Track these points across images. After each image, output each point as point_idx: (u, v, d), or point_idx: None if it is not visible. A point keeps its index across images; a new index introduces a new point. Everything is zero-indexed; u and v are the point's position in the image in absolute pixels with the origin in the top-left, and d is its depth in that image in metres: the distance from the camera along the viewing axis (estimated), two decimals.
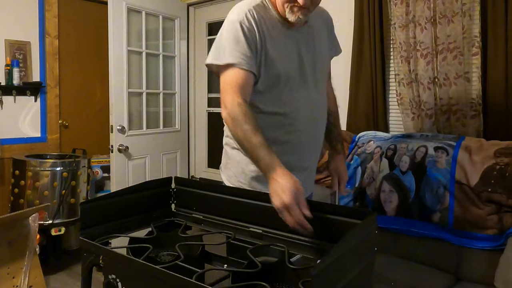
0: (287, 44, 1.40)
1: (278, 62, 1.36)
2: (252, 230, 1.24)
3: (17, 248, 1.58)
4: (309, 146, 1.48)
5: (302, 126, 1.43)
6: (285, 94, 1.39)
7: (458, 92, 2.30)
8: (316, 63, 1.46)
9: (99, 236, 1.20)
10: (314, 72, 1.45)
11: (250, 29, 1.31)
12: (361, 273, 0.97)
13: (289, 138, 1.42)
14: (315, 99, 1.46)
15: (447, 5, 2.30)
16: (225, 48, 1.32)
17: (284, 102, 1.39)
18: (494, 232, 1.89)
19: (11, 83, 3.24)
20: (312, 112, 1.45)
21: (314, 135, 1.49)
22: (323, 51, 1.51)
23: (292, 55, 1.40)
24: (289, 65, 1.39)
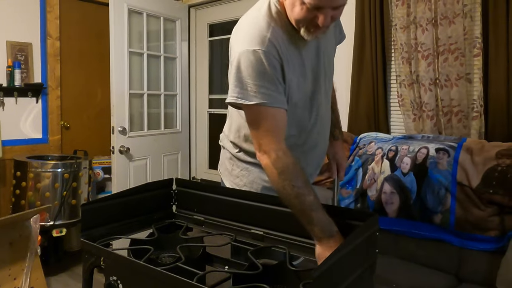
0: (302, 61, 1.26)
1: (296, 89, 1.24)
2: (253, 231, 1.24)
3: (18, 249, 1.58)
4: (316, 155, 1.46)
5: (313, 142, 1.40)
6: (299, 117, 1.31)
7: (459, 93, 2.30)
8: (327, 69, 1.37)
9: (100, 237, 1.21)
10: (325, 80, 1.36)
11: (274, 58, 1.15)
12: (362, 274, 0.97)
13: (301, 155, 1.36)
14: (324, 109, 1.40)
15: (448, 6, 2.30)
16: (249, 84, 1.14)
17: (298, 124, 1.32)
18: (496, 234, 1.89)
19: (12, 84, 3.25)
20: (321, 125, 1.40)
21: (322, 144, 1.46)
22: (331, 48, 1.41)
23: (307, 73, 1.28)
24: (304, 86, 1.28)
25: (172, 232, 1.35)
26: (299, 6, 1.10)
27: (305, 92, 1.29)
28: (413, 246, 2.10)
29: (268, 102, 1.13)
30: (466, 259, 1.95)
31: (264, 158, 1.13)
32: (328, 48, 1.37)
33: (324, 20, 1.09)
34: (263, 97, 1.13)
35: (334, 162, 1.59)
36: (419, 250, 2.08)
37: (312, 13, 1.10)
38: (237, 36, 1.23)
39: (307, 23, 1.13)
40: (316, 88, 1.32)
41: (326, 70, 1.36)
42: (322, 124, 1.40)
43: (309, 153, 1.41)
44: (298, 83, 1.24)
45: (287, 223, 1.18)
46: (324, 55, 1.33)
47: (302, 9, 1.10)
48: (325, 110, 1.40)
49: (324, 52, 1.33)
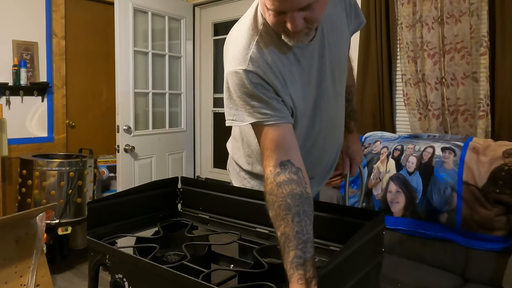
0: (302, 68, 1.14)
1: (300, 98, 1.15)
2: (259, 230, 1.24)
3: (24, 247, 1.59)
4: (325, 160, 1.38)
5: (319, 148, 1.31)
6: (302, 127, 1.22)
7: (465, 92, 2.29)
8: (335, 67, 1.22)
9: (106, 235, 1.21)
10: (333, 80, 1.23)
11: (258, 75, 1.07)
12: (368, 274, 0.96)
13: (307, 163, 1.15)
14: (333, 112, 1.29)
15: (454, 4, 2.29)
16: (240, 104, 1.09)
17: (300, 135, 1.21)
18: (503, 234, 1.87)
19: (18, 83, 3.27)
20: (328, 130, 1.30)
21: (330, 148, 1.36)
22: (342, 42, 1.25)
23: (311, 79, 1.18)
24: (309, 93, 1.18)
25: (178, 231, 1.35)
26: (268, 13, 1.01)
27: (309, 100, 1.19)
28: (419, 246, 2.09)
29: (262, 121, 1.06)
30: (472, 259, 1.94)
31: (265, 171, 1.05)
32: (338, 44, 1.22)
33: (292, 25, 0.97)
34: (256, 116, 1.06)
35: (346, 156, 1.50)
36: (425, 250, 2.07)
37: (279, 19, 0.99)
38: (225, 54, 1.17)
39: (282, 29, 1.02)
40: (319, 93, 1.21)
41: (334, 69, 1.22)
42: (329, 128, 1.29)
43: (317, 159, 1.33)
44: (302, 92, 1.15)
45: None
46: (329, 54, 1.19)
47: (271, 15, 1.00)
48: (333, 113, 1.29)
49: (329, 51, 1.19)
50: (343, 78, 1.31)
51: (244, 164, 1.43)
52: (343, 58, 1.27)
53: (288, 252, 0.89)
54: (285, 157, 1.02)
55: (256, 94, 1.06)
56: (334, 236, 1.10)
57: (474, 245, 1.94)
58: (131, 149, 3.21)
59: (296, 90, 1.13)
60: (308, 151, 1.26)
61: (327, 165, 1.40)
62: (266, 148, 1.05)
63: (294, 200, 0.95)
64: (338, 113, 1.34)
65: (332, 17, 1.18)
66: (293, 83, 1.12)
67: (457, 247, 1.98)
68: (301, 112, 1.17)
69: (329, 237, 1.11)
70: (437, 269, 1.99)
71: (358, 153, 1.51)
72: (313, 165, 1.30)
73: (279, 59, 1.09)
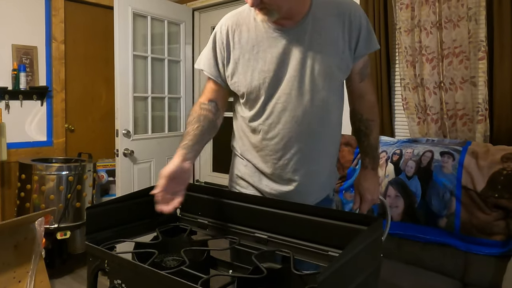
0: (269, 52, 1.30)
1: (243, 80, 1.34)
2: (258, 235, 1.24)
3: (23, 252, 1.58)
4: (296, 159, 1.34)
5: (276, 134, 1.33)
6: (260, 105, 1.34)
7: (464, 96, 2.29)
8: (310, 66, 1.29)
9: (105, 241, 1.21)
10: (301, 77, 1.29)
11: (220, 39, 1.38)
12: (367, 279, 0.96)
13: (267, 144, 1.35)
14: (305, 106, 1.31)
15: (452, 9, 2.30)
16: (202, 54, 1.45)
17: (258, 111, 1.35)
18: (502, 238, 1.87)
19: (17, 87, 3.27)
20: (298, 124, 1.31)
21: (304, 147, 1.34)
22: (329, 50, 1.29)
23: (272, 65, 1.30)
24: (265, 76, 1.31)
25: (176, 236, 1.35)
26: None
27: (259, 86, 1.33)
28: (418, 250, 2.09)
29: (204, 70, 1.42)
30: (471, 264, 1.94)
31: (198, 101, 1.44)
32: (323, 47, 1.29)
33: (249, 0, 1.19)
34: (203, 66, 1.42)
35: (357, 192, 1.51)
36: (424, 254, 2.07)
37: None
38: None
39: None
40: (279, 77, 1.30)
41: (308, 65, 1.29)
42: (291, 124, 1.31)
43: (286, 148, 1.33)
44: (249, 74, 1.33)
45: (291, 227, 1.18)
46: (308, 50, 1.28)
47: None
48: (294, 109, 1.31)
49: (309, 48, 1.28)
50: (319, 82, 1.30)
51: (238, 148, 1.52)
52: (324, 63, 1.29)
53: (184, 139, 1.31)
54: (214, 99, 1.41)
55: (212, 48, 1.40)
56: (333, 241, 1.10)
57: (473, 250, 1.94)
58: (130, 153, 3.21)
59: (248, 59, 1.33)
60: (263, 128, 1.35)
61: (293, 166, 1.35)
62: (204, 91, 1.44)
63: (205, 119, 1.36)
64: (303, 108, 1.31)
65: (323, 21, 1.30)
66: (249, 53, 1.33)
67: (456, 251, 1.98)
68: (250, 82, 1.33)
69: (328, 242, 1.11)
70: (436, 273, 1.99)
71: (370, 192, 1.48)
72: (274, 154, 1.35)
73: (240, 31, 1.36)
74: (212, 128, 1.39)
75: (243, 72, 1.34)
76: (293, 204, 1.21)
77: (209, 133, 1.38)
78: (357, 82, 1.42)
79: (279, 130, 1.33)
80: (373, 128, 1.47)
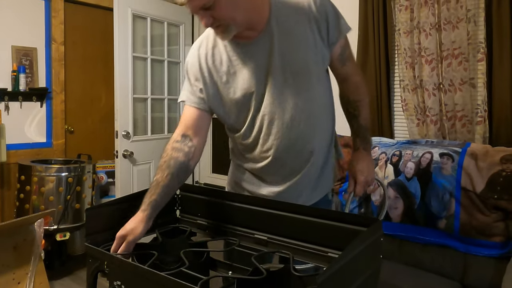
0: (244, 69, 1.28)
1: (224, 92, 1.32)
2: (257, 236, 1.24)
3: (22, 253, 1.58)
4: (283, 159, 1.35)
5: (269, 145, 1.33)
6: (249, 122, 1.34)
7: (463, 98, 2.30)
8: (287, 69, 1.28)
9: (104, 242, 1.21)
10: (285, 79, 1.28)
11: (193, 65, 1.36)
12: (366, 280, 0.97)
13: (264, 156, 1.36)
14: (291, 111, 1.30)
15: (451, 11, 2.30)
16: (183, 88, 1.42)
17: (248, 128, 1.35)
18: (501, 239, 1.88)
19: (17, 89, 3.27)
20: (285, 132, 1.31)
21: (299, 148, 1.34)
22: (301, 48, 1.28)
23: (252, 76, 1.28)
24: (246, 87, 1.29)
25: (176, 237, 1.35)
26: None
27: (248, 92, 1.30)
28: (417, 252, 2.09)
29: (186, 101, 1.38)
30: (471, 265, 1.94)
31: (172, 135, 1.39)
32: (293, 48, 1.28)
33: (202, 22, 1.17)
34: (182, 97, 1.40)
35: (350, 175, 1.49)
36: (424, 256, 2.07)
37: (200, 18, 1.17)
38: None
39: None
40: (266, 89, 1.28)
41: (286, 70, 1.28)
42: (282, 129, 1.30)
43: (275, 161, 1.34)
44: (238, 83, 1.30)
45: (291, 228, 1.18)
46: (279, 55, 1.26)
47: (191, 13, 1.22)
48: (284, 113, 1.30)
49: (280, 53, 1.26)
50: (301, 82, 1.30)
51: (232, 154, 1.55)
52: (300, 62, 1.29)
53: (152, 194, 1.22)
54: (187, 132, 1.34)
55: (187, 78, 1.38)
56: (333, 242, 1.10)
57: (472, 251, 1.94)
58: (130, 154, 3.21)
59: (227, 81, 1.31)
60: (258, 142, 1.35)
61: (287, 169, 1.37)
62: (181, 120, 1.38)
63: (175, 163, 1.28)
64: (291, 113, 1.30)
65: (288, 22, 1.27)
66: (226, 75, 1.31)
67: (456, 253, 1.98)
68: (235, 101, 1.32)
69: (327, 243, 1.11)
70: (435, 275, 1.99)
71: (363, 173, 1.45)
72: (268, 162, 1.35)
73: (213, 54, 1.32)
74: (183, 173, 1.30)
75: (226, 94, 1.33)
76: (292, 205, 1.21)
77: (179, 181, 1.29)
78: (338, 67, 1.40)
79: (272, 141, 1.33)
80: (361, 109, 1.46)
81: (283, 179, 1.39)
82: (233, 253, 1.24)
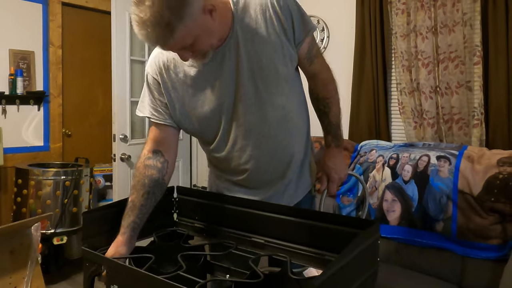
0: (209, 77, 1.24)
1: (190, 106, 1.27)
2: (254, 240, 1.24)
3: (19, 257, 1.57)
4: (265, 168, 1.33)
5: (248, 156, 1.31)
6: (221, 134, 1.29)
7: (460, 101, 2.31)
8: (259, 76, 1.24)
9: (101, 246, 1.20)
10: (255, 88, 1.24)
11: (153, 78, 1.29)
12: (363, 283, 0.96)
13: (243, 169, 1.33)
14: (260, 121, 1.27)
15: (448, 14, 2.32)
16: (141, 101, 1.36)
17: (222, 140, 1.31)
18: (498, 242, 1.88)
19: (14, 92, 3.27)
20: (259, 139, 1.29)
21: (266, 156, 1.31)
22: (268, 52, 1.23)
23: (220, 87, 1.24)
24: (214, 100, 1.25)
25: (173, 240, 1.35)
26: None
27: (217, 105, 1.25)
28: (415, 254, 2.09)
29: (151, 118, 1.31)
30: (468, 268, 1.94)
31: (141, 152, 1.34)
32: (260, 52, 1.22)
33: (181, 58, 1.15)
34: (144, 112, 1.33)
35: (323, 173, 1.46)
36: (421, 259, 2.07)
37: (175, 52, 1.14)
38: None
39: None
40: (237, 99, 1.24)
41: (255, 77, 1.23)
42: (255, 136, 1.28)
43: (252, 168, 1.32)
44: (206, 96, 1.25)
45: (288, 231, 1.18)
46: (247, 62, 1.22)
47: None
48: (258, 121, 1.27)
49: (247, 60, 1.22)
50: (272, 87, 1.26)
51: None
52: (269, 67, 1.24)
53: (130, 216, 1.21)
54: (158, 148, 1.31)
55: (149, 92, 1.31)
56: (329, 245, 1.10)
57: (470, 254, 1.94)
58: (128, 158, 3.21)
59: (196, 93, 1.26)
60: (234, 155, 1.31)
61: (270, 176, 1.34)
62: (149, 137, 1.34)
63: (150, 181, 1.26)
64: (267, 122, 1.27)
65: (250, 25, 1.21)
66: (192, 87, 1.26)
67: (453, 255, 1.98)
68: (204, 115, 1.28)
69: (324, 246, 1.11)
70: (433, 278, 1.99)
71: (336, 170, 1.43)
72: (249, 173, 1.33)
73: (178, 66, 1.26)
74: (159, 190, 1.29)
75: (193, 107, 1.28)
76: (289, 209, 1.21)
77: (155, 198, 1.28)
78: (306, 66, 1.35)
79: (250, 152, 1.29)
80: (331, 106, 1.42)
81: (265, 185, 1.36)
82: (230, 256, 1.24)
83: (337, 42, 2.95)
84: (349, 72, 2.77)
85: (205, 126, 1.30)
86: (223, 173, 1.42)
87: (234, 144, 1.29)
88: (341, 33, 2.85)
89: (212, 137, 1.32)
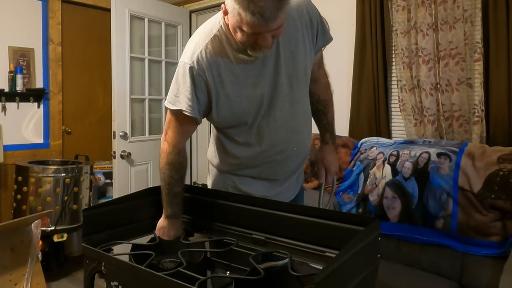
0: (252, 72, 1.30)
1: (234, 100, 1.31)
2: (255, 236, 1.24)
3: (19, 254, 1.57)
4: (289, 161, 1.44)
5: (278, 150, 1.40)
6: (255, 130, 1.36)
7: (460, 98, 2.30)
8: (293, 75, 1.35)
9: (102, 243, 1.21)
10: (290, 86, 1.35)
11: (198, 74, 1.28)
12: (364, 280, 0.97)
13: (274, 159, 1.41)
14: (292, 116, 1.39)
15: (448, 11, 2.31)
16: (178, 91, 1.32)
17: (256, 135, 1.37)
18: (498, 239, 1.88)
19: (14, 89, 3.26)
20: (288, 133, 1.39)
21: (291, 152, 1.43)
22: (300, 54, 1.35)
23: (263, 82, 1.31)
24: (256, 95, 1.32)
25: None
26: (240, 33, 1.16)
27: (257, 100, 1.32)
28: (415, 251, 2.09)
29: (187, 110, 1.29)
30: (468, 265, 1.95)
31: (165, 145, 1.36)
32: (293, 53, 1.33)
33: (265, 42, 1.16)
34: (184, 105, 1.29)
35: (322, 167, 1.61)
36: (421, 255, 2.07)
37: (252, 38, 1.15)
38: (185, 49, 1.36)
39: (250, 45, 1.18)
40: (274, 94, 1.33)
41: (291, 76, 1.34)
42: (286, 130, 1.38)
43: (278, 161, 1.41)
44: (249, 91, 1.31)
45: (289, 228, 1.18)
46: (284, 61, 1.31)
47: (243, 35, 1.15)
48: (290, 116, 1.38)
49: (284, 58, 1.31)
50: (301, 86, 1.39)
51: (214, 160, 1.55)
52: (300, 67, 1.36)
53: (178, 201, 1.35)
54: (183, 142, 1.38)
55: (190, 86, 1.28)
56: (330, 242, 1.10)
57: (470, 251, 1.94)
58: (127, 155, 3.21)
59: (238, 89, 1.30)
60: (266, 149, 1.38)
61: (291, 169, 1.47)
62: (176, 128, 1.34)
63: (183, 170, 1.37)
64: (296, 117, 1.40)
65: (288, 28, 1.28)
66: (235, 83, 1.29)
67: (454, 252, 1.98)
68: (243, 110, 1.32)
69: (324, 243, 1.11)
70: (433, 274, 1.99)
71: (333, 164, 1.60)
72: (275, 166, 1.42)
73: (223, 61, 1.28)
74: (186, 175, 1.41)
75: (236, 103, 1.32)
76: (290, 205, 1.21)
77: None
78: (315, 70, 1.49)
79: (281, 146, 1.39)
80: (330, 107, 1.60)
81: (284, 178, 1.47)
82: (231, 253, 1.24)
83: (337, 39, 2.93)
84: (350, 69, 2.77)
85: (243, 121, 1.35)
86: (241, 169, 1.45)
87: (268, 139, 1.37)
88: (342, 30, 2.84)
89: (247, 131, 1.37)
